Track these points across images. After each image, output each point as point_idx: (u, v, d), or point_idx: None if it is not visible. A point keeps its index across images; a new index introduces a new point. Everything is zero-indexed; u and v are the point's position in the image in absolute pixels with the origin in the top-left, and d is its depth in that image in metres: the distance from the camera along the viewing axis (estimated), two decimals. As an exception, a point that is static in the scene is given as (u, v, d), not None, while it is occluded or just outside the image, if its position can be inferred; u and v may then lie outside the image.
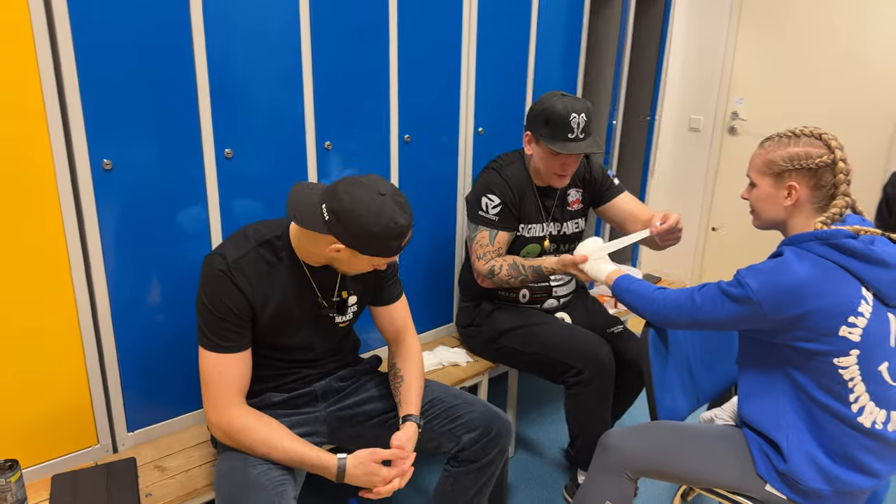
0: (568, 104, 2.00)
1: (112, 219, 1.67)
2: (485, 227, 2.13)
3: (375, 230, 1.41)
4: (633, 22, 2.89)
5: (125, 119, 1.63)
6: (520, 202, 2.15)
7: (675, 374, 1.81)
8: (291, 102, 1.92)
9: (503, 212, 2.11)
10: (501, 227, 2.13)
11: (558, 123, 1.99)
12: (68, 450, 1.74)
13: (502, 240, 2.14)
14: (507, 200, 2.11)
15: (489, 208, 2.11)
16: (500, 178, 2.13)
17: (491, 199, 2.11)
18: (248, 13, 1.77)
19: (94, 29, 1.53)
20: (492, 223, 2.12)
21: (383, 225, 1.41)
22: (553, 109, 2.00)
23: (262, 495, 1.43)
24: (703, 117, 3.99)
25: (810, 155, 1.47)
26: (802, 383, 1.48)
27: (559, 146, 2.00)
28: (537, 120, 2.04)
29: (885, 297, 1.46)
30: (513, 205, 2.12)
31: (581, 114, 2.00)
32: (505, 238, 2.15)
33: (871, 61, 3.34)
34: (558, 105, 2.00)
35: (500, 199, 2.10)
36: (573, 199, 2.27)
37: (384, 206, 1.42)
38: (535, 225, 2.21)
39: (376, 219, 1.41)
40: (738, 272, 1.48)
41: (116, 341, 1.75)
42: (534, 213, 2.20)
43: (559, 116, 1.99)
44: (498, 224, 2.12)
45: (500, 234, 2.13)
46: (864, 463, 1.48)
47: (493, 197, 2.11)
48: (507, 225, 2.14)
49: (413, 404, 1.68)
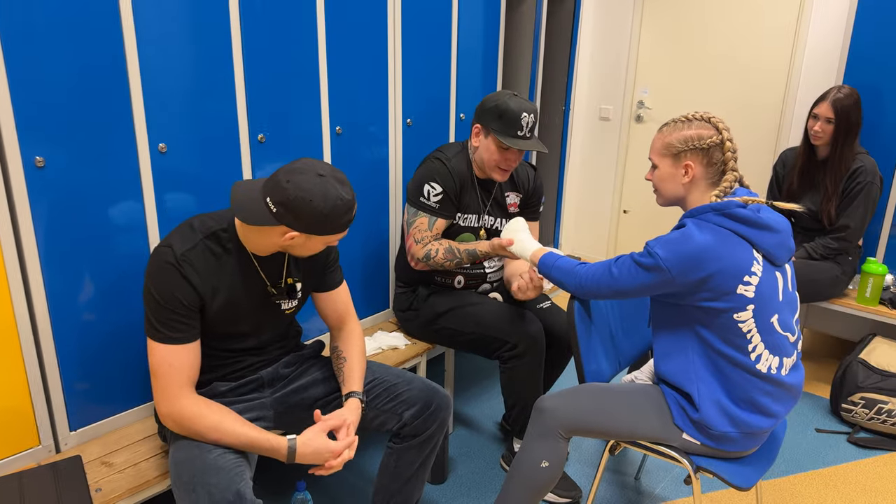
0: (520, 104, 2.13)
1: (46, 216, 1.66)
2: (424, 213, 2.23)
3: (326, 211, 1.48)
4: (546, 17, 3.05)
5: (57, 116, 1.62)
6: (460, 192, 2.26)
7: (599, 341, 1.97)
8: (224, 97, 1.95)
9: (443, 200, 2.22)
10: (440, 214, 2.23)
11: (510, 120, 2.12)
12: (9, 452, 1.72)
13: (440, 226, 2.25)
14: (449, 190, 2.22)
15: (430, 196, 2.21)
16: (445, 168, 2.23)
17: (433, 188, 2.21)
18: (180, 10, 1.79)
19: (22, 30, 1.52)
20: (432, 210, 2.22)
21: (332, 205, 1.48)
22: (507, 106, 2.12)
23: (221, 476, 1.47)
24: (613, 107, 4.24)
25: (702, 136, 1.66)
26: (708, 339, 1.66)
27: (509, 141, 2.13)
28: (489, 114, 2.16)
29: (773, 258, 1.66)
30: (454, 194, 2.23)
31: (530, 114, 2.14)
32: (442, 225, 2.25)
33: (759, 52, 3.67)
34: (511, 103, 2.12)
35: (442, 187, 2.20)
36: (512, 201, 2.40)
37: (328, 187, 1.48)
38: (471, 215, 2.32)
39: (324, 201, 1.47)
40: (647, 243, 1.65)
41: (55, 339, 1.73)
42: (472, 204, 2.31)
43: (512, 113, 2.11)
44: (437, 211, 2.23)
45: (439, 222, 2.24)
46: (764, 405, 1.68)
47: (435, 185, 2.21)
48: (445, 213, 2.24)
49: (356, 381, 1.75)
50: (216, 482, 1.46)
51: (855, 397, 2.71)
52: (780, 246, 1.67)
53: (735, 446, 1.71)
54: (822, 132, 2.80)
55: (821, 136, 2.81)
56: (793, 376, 1.73)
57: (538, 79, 3.09)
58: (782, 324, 1.68)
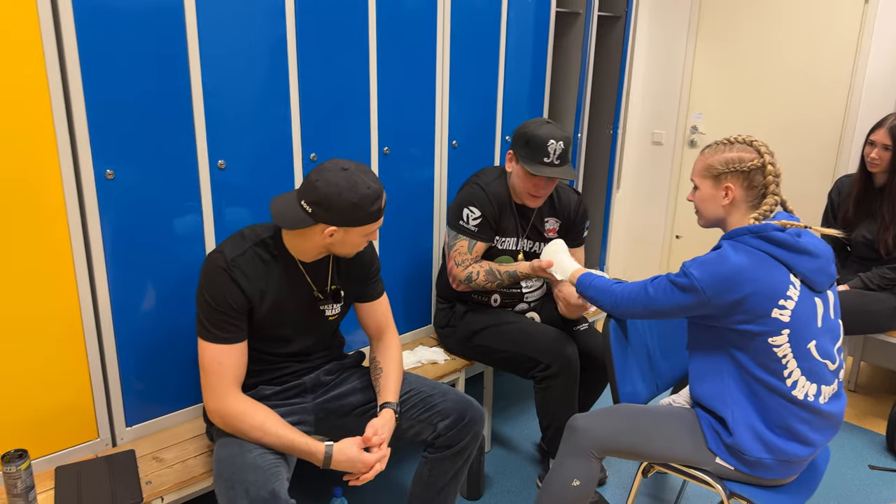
0: (548, 130, 2.17)
1: (113, 224, 1.79)
2: (465, 236, 2.29)
3: (356, 200, 1.57)
4: (594, 42, 3.10)
5: (127, 133, 1.76)
6: (499, 216, 2.31)
7: (635, 362, 1.98)
8: (280, 117, 2.07)
9: (482, 224, 2.28)
10: (479, 237, 2.29)
11: (536, 147, 2.16)
12: (70, 443, 1.84)
13: (479, 249, 2.31)
14: (487, 214, 2.28)
15: (470, 220, 2.27)
16: (483, 193, 2.29)
17: (472, 212, 2.27)
18: (241, 35, 1.92)
19: (99, 53, 1.67)
20: (471, 234, 2.29)
21: (361, 193, 1.57)
22: (534, 133, 2.17)
23: (259, 474, 1.55)
24: (665, 131, 4.22)
25: (743, 159, 1.66)
26: (743, 362, 1.65)
27: (534, 168, 2.17)
28: (519, 141, 2.22)
29: (812, 284, 1.64)
30: (492, 218, 2.29)
31: (559, 141, 2.17)
32: (482, 248, 2.31)
33: (816, 77, 3.60)
34: (540, 130, 2.17)
35: (481, 212, 2.27)
36: (551, 226, 2.43)
37: (354, 177, 1.58)
38: (510, 238, 2.37)
39: (352, 191, 1.56)
40: (683, 264, 1.66)
41: (116, 341, 1.86)
42: (510, 228, 2.36)
43: (538, 140, 2.16)
44: (477, 235, 2.29)
45: (479, 245, 2.30)
46: (801, 433, 1.65)
47: (474, 209, 2.27)
48: (484, 236, 2.30)
49: (391, 392, 1.81)
50: (253, 479, 1.54)
51: (912, 434, 2.60)
52: (820, 271, 1.65)
53: (771, 473, 1.69)
54: (878, 159, 2.73)
55: (877, 164, 2.74)
56: (833, 405, 1.69)
57: (585, 102, 3.13)
58: (821, 350, 1.65)
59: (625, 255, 4.54)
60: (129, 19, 1.70)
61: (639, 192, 4.42)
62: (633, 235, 4.49)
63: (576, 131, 3.12)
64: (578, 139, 3.14)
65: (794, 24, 3.62)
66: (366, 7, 2.20)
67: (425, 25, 2.42)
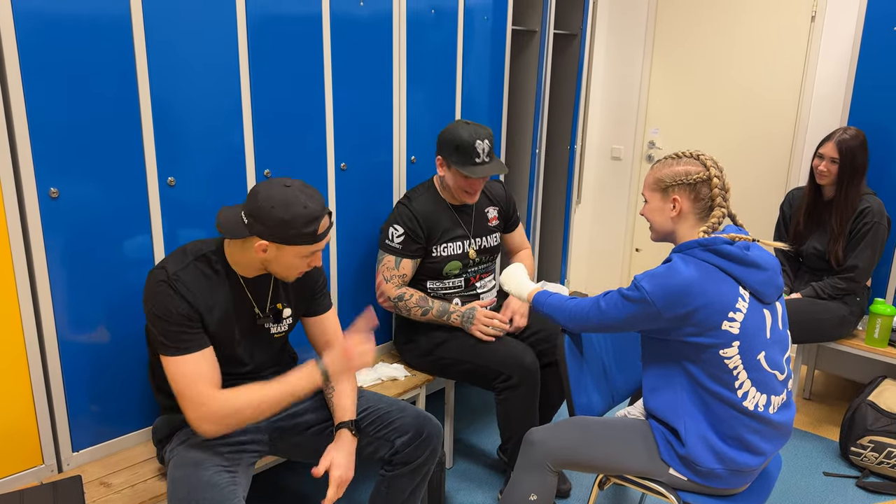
0: (472, 131, 2.24)
1: (58, 245, 1.75)
2: (390, 254, 2.35)
3: (288, 218, 1.54)
4: (551, 60, 3.15)
5: (72, 150, 1.72)
6: (430, 229, 2.35)
7: (590, 375, 1.99)
8: (232, 132, 2.04)
9: (405, 241, 2.33)
10: (404, 254, 2.34)
11: (465, 150, 2.23)
12: (12, 470, 1.78)
13: (406, 266, 2.35)
14: (410, 230, 2.33)
15: (394, 237, 2.34)
16: (408, 211, 2.35)
17: (396, 230, 2.33)
18: (192, 49, 1.90)
19: (41, 67, 1.64)
20: (396, 251, 2.34)
21: (294, 212, 1.55)
22: (460, 137, 2.23)
23: (215, 492, 1.53)
24: (624, 146, 4.29)
25: (689, 172, 1.70)
26: (695, 374, 1.67)
27: (468, 170, 2.24)
28: (447, 147, 2.27)
29: (761, 296, 1.68)
30: (415, 235, 2.33)
31: (485, 140, 2.26)
32: (409, 265, 2.36)
33: (767, 92, 3.70)
34: (464, 133, 2.23)
35: (403, 229, 2.33)
36: (492, 215, 2.52)
37: (291, 195, 1.56)
38: (453, 243, 2.41)
39: (285, 208, 1.54)
40: (634, 277, 1.68)
41: (62, 365, 1.81)
42: (453, 231, 2.40)
43: (466, 143, 2.23)
44: (401, 252, 2.34)
45: (405, 262, 2.35)
46: (751, 443, 1.68)
47: (397, 227, 2.33)
48: (408, 253, 2.34)
49: (348, 411, 1.79)
50: (210, 497, 1.51)
51: (864, 440, 2.66)
52: (768, 283, 1.69)
53: (723, 483, 1.71)
54: (826, 171, 2.81)
55: (826, 175, 2.82)
56: (782, 414, 1.73)
57: (543, 118, 3.17)
58: (770, 361, 1.68)
59: (586, 268, 4.58)
60: (74, 32, 1.67)
61: (599, 206, 4.48)
62: (594, 248, 4.54)
63: (534, 147, 3.16)
64: (536, 154, 3.18)
65: (744, 42, 3.72)
66: (320, 22, 2.20)
67: (382, 42, 2.43)
